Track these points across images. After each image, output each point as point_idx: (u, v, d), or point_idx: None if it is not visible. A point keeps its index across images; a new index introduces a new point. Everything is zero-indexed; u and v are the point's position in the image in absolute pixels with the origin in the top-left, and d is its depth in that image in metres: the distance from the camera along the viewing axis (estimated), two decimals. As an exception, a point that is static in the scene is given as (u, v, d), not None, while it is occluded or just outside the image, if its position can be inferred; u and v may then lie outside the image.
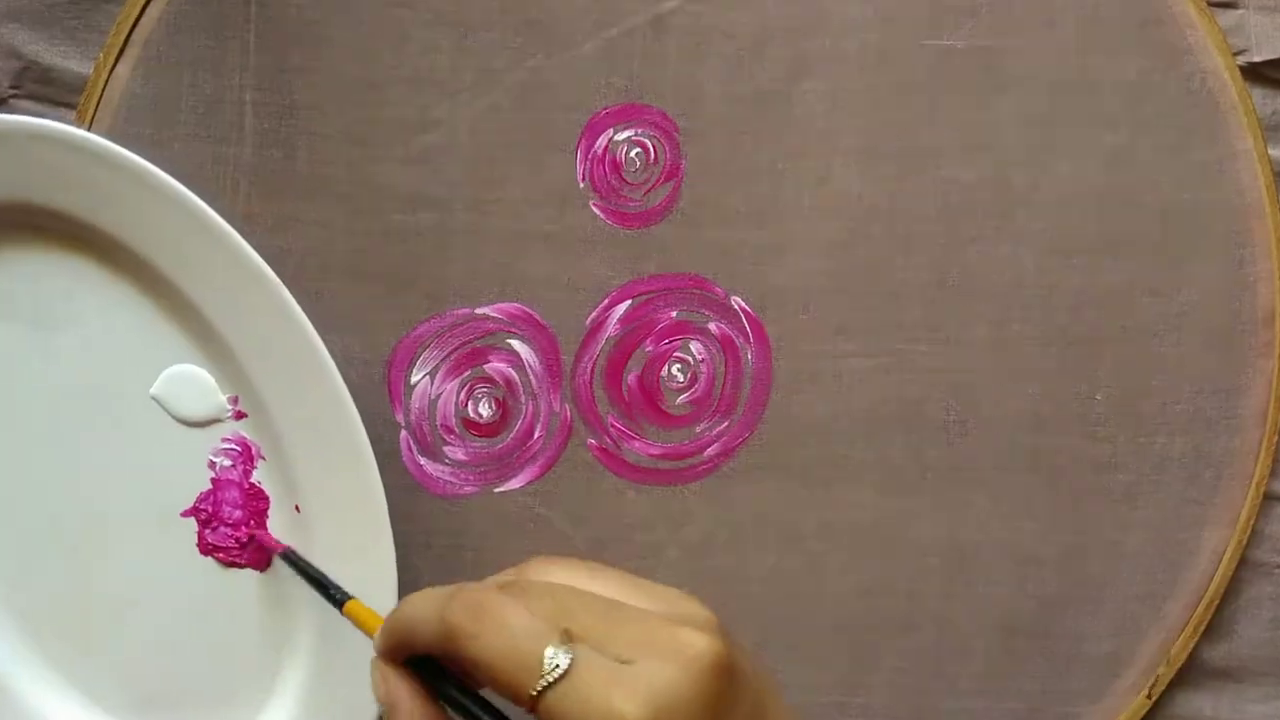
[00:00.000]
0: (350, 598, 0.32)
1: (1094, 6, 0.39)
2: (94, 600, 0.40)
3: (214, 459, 0.39)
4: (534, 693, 0.26)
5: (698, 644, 0.27)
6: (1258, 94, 0.40)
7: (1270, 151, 0.40)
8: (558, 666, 0.26)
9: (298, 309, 0.37)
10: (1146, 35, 0.39)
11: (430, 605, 0.28)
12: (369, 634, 0.30)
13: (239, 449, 0.39)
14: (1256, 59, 0.40)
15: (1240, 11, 0.40)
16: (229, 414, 0.39)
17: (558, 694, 0.26)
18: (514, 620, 0.27)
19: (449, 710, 0.29)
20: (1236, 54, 0.40)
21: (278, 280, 0.37)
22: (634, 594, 0.29)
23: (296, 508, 0.39)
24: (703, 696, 0.26)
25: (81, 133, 0.37)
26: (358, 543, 0.38)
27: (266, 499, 0.39)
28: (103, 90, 0.39)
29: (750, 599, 0.41)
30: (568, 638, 0.27)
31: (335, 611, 0.38)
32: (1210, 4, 0.39)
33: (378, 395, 0.40)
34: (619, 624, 0.27)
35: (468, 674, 0.28)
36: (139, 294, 0.38)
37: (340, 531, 0.38)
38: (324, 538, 0.39)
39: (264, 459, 0.39)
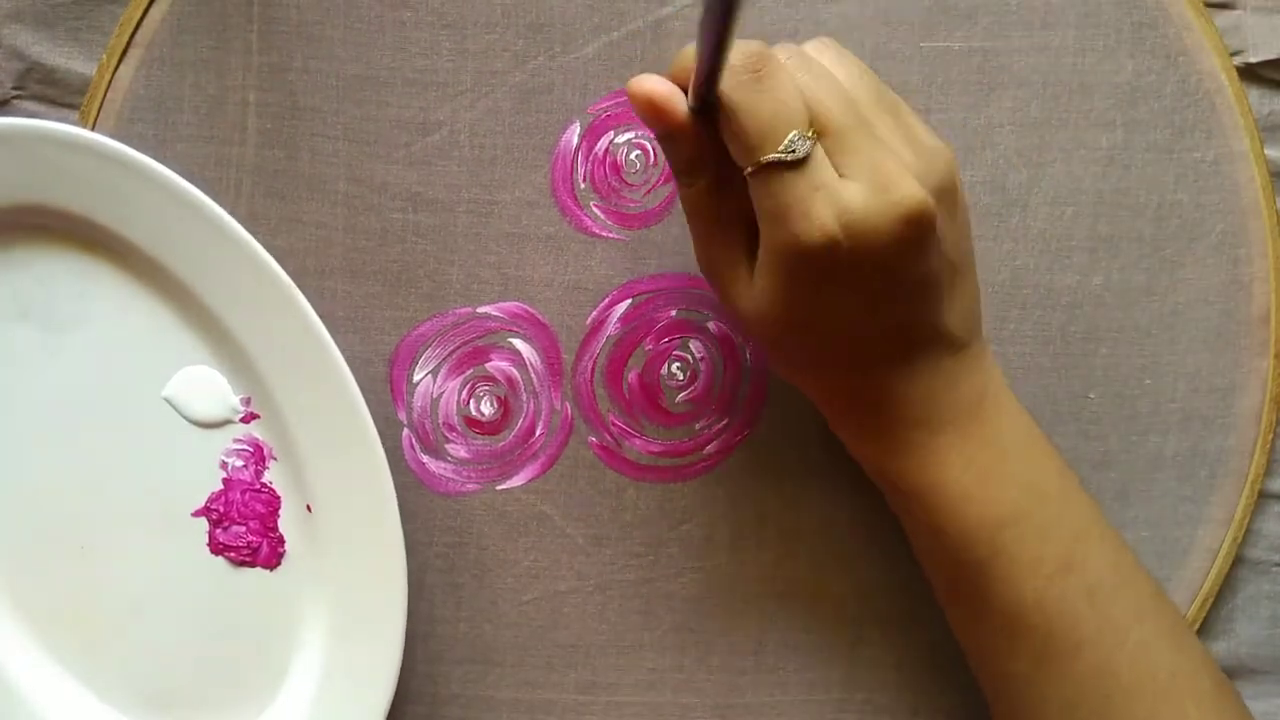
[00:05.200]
0: None
1: (1090, 8, 0.39)
2: (104, 600, 0.40)
3: (226, 459, 0.39)
4: (761, 161, 0.28)
5: (910, 193, 0.28)
6: (1254, 94, 0.40)
7: (1267, 152, 0.40)
8: (793, 151, 0.28)
9: (310, 309, 0.37)
10: (1143, 36, 0.39)
11: None
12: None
13: (251, 449, 0.39)
14: (1253, 60, 0.40)
15: (1237, 12, 0.40)
16: (241, 415, 0.39)
17: (777, 174, 0.28)
18: (782, 89, 0.28)
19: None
20: (1233, 55, 0.40)
21: (290, 280, 0.37)
22: (883, 117, 0.30)
23: (308, 507, 0.39)
24: (892, 239, 0.28)
25: (92, 134, 0.37)
26: (369, 541, 0.38)
27: (278, 499, 0.39)
28: (106, 91, 0.39)
29: (751, 597, 0.41)
30: (813, 130, 0.28)
31: (344, 610, 0.39)
32: (1207, 5, 0.39)
33: (380, 394, 0.40)
34: (859, 140, 0.28)
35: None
36: (151, 295, 0.39)
37: (351, 530, 0.38)
38: (335, 537, 0.39)
39: (275, 459, 0.39)
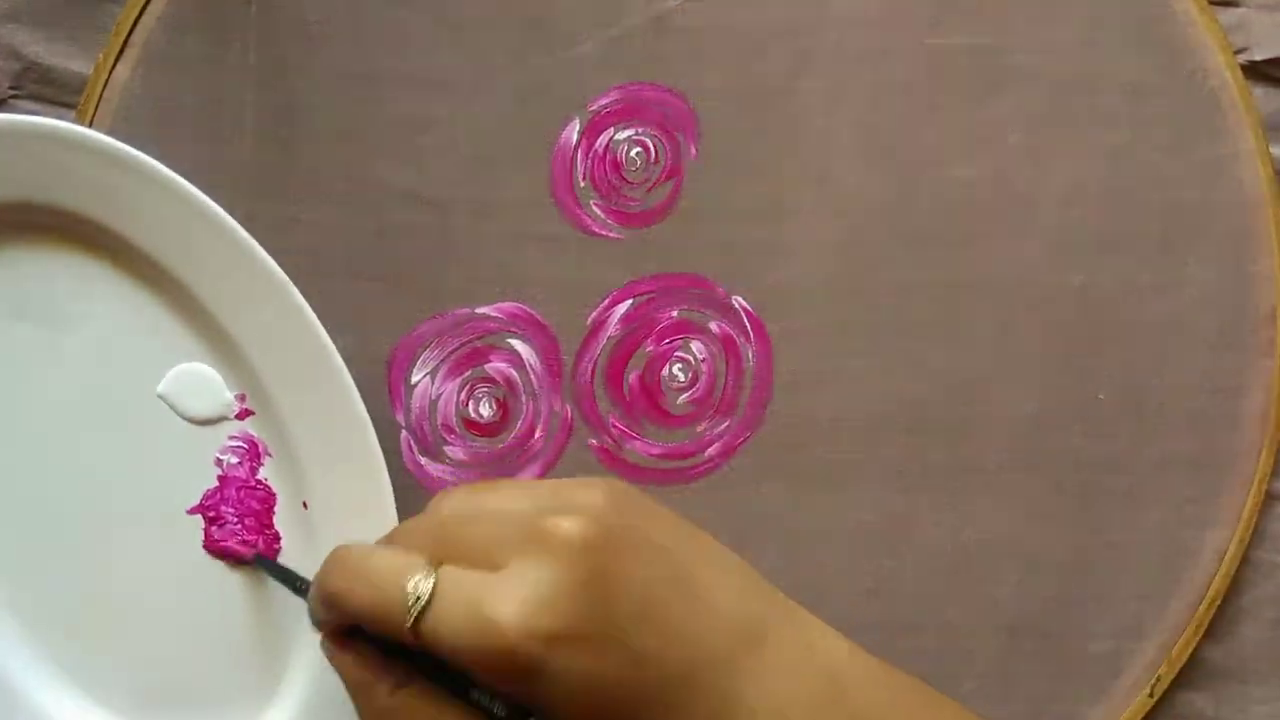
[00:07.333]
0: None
1: (1095, 5, 0.39)
2: (99, 599, 0.40)
3: (221, 457, 0.39)
4: (408, 627, 0.26)
5: (563, 529, 0.26)
6: (1259, 92, 0.40)
7: (1271, 150, 0.40)
8: (419, 596, 0.26)
9: (305, 306, 0.37)
10: (1147, 34, 0.39)
11: (319, 579, 0.28)
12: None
13: (246, 446, 0.39)
14: (1257, 57, 0.40)
15: (1241, 10, 0.40)
16: (236, 412, 0.39)
17: (430, 621, 0.26)
18: (375, 563, 0.27)
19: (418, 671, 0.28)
20: (1237, 52, 0.40)
21: (285, 278, 0.37)
22: (519, 498, 0.28)
23: (304, 504, 0.39)
24: (580, 581, 0.25)
25: (90, 132, 0.37)
26: (366, 538, 0.38)
27: (273, 496, 0.39)
28: (103, 90, 0.39)
29: (752, 599, 0.41)
30: (437, 563, 0.26)
31: None
32: (1211, 2, 0.39)
33: (378, 395, 0.40)
34: (488, 533, 0.27)
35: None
36: (146, 292, 0.38)
37: (347, 527, 0.38)
38: (331, 534, 0.39)
39: (271, 456, 0.39)
